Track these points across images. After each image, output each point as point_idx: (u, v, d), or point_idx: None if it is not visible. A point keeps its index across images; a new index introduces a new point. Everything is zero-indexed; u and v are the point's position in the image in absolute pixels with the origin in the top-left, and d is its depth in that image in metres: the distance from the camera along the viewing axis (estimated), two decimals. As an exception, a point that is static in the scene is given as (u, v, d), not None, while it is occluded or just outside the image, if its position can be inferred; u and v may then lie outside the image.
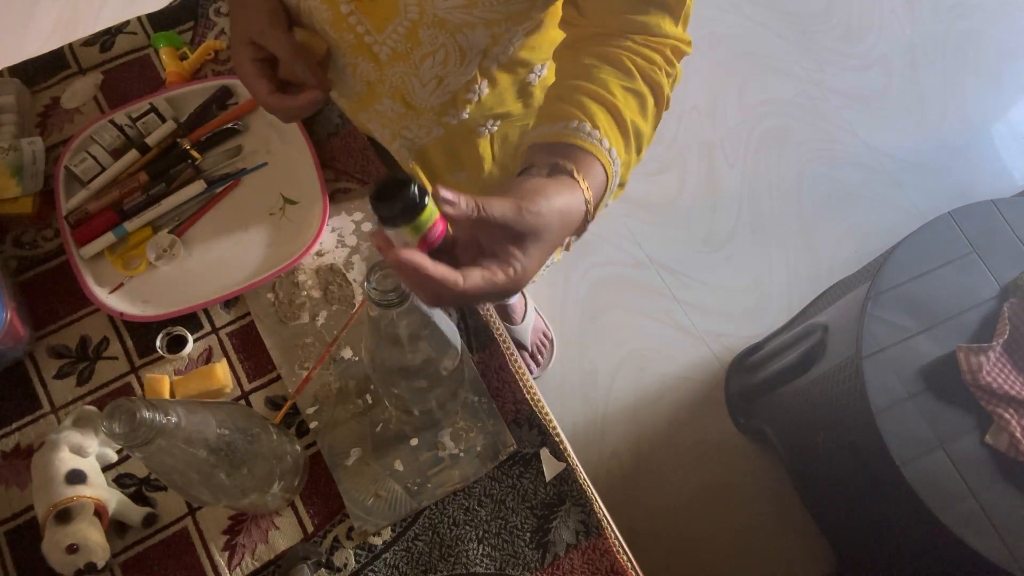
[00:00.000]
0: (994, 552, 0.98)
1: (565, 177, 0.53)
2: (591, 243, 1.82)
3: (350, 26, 0.67)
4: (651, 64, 0.61)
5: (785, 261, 1.82)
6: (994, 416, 1.04)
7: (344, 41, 0.69)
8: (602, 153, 0.55)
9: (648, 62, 0.61)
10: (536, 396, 0.78)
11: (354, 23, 0.67)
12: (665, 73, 0.62)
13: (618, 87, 0.59)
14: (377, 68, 0.71)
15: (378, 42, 0.68)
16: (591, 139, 0.55)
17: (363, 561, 0.71)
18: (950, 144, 1.98)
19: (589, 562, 0.71)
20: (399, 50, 0.68)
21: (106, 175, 0.84)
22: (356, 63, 0.71)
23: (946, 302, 1.12)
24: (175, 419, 0.50)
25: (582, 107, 0.57)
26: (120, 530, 0.72)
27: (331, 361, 0.78)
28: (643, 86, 0.61)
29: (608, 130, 0.56)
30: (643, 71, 0.61)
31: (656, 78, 0.61)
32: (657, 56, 0.62)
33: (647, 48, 0.62)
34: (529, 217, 0.47)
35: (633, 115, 0.59)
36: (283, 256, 0.81)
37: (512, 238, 0.48)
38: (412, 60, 0.69)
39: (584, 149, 0.55)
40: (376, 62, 0.70)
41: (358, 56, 0.70)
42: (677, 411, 1.65)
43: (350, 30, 0.68)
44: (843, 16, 2.13)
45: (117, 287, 0.80)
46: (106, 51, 0.93)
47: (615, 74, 0.59)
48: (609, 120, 0.57)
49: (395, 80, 0.71)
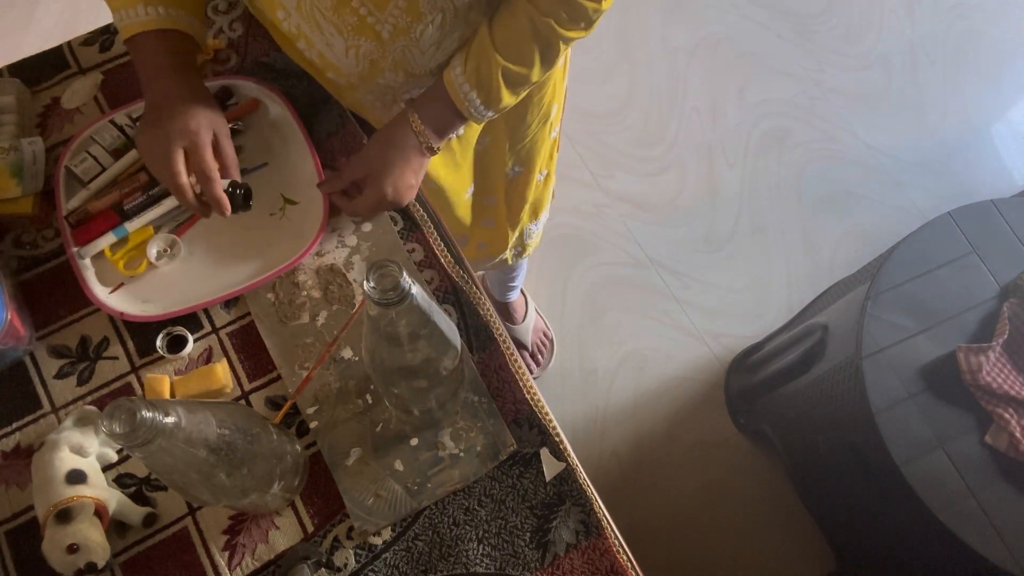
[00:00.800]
0: (994, 552, 0.98)
1: (405, 122, 0.76)
2: (591, 243, 1.82)
3: (353, 9, 0.68)
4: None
5: (785, 261, 1.82)
6: (994, 416, 1.04)
7: (346, 24, 0.70)
8: (455, 90, 0.74)
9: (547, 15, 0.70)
10: (536, 396, 0.78)
11: (357, 6, 0.68)
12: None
13: (501, 35, 0.71)
14: (379, 46, 0.71)
15: (380, 20, 0.69)
16: (455, 80, 0.73)
17: (363, 561, 0.71)
18: (950, 144, 1.98)
19: (589, 562, 0.71)
20: (400, 25, 0.69)
21: (106, 175, 0.84)
22: (358, 44, 0.72)
23: (946, 302, 1.12)
24: (175, 419, 0.50)
25: (460, 53, 0.73)
26: (120, 530, 0.72)
27: (331, 361, 0.78)
28: (532, 40, 0.71)
29: (467, 67, 0.73)
30: (536, 24, 0.70)
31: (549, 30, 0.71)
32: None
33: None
34: (355, 165, 0.78)
35: (507, 60, 0.72)
36: (283, 256, 0.81)
37: (365, 181, 0.78)
38: (413, 33, 0.70)
39: (444, 87, 0.74)
40: (378, 40, 0.71)
41: (360, 36, 0.71)
42: (677, 411, 1.65)
43: (353, 13, 0.68)
44: (843, 16, 2.13)
45: (117, 287, 0.80)
46: (106, 51, 0.93)
47: (507, 23, 0.71)
48: (474, 61, 0.72)
49: (397, 54, 0.73)
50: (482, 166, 1.03)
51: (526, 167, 1.05)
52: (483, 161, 1.02)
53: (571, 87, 1.08)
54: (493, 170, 1.04)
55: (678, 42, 2.08)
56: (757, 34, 2.09)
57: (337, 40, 0.72)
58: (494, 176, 1.05)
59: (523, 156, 1.03)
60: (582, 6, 0.69)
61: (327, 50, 0.74)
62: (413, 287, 0.52)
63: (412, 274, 0.70)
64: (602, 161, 1.92)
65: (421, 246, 0.84)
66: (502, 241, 1.19)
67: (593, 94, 2.00)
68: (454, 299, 0.81)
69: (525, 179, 1.08)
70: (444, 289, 0.82)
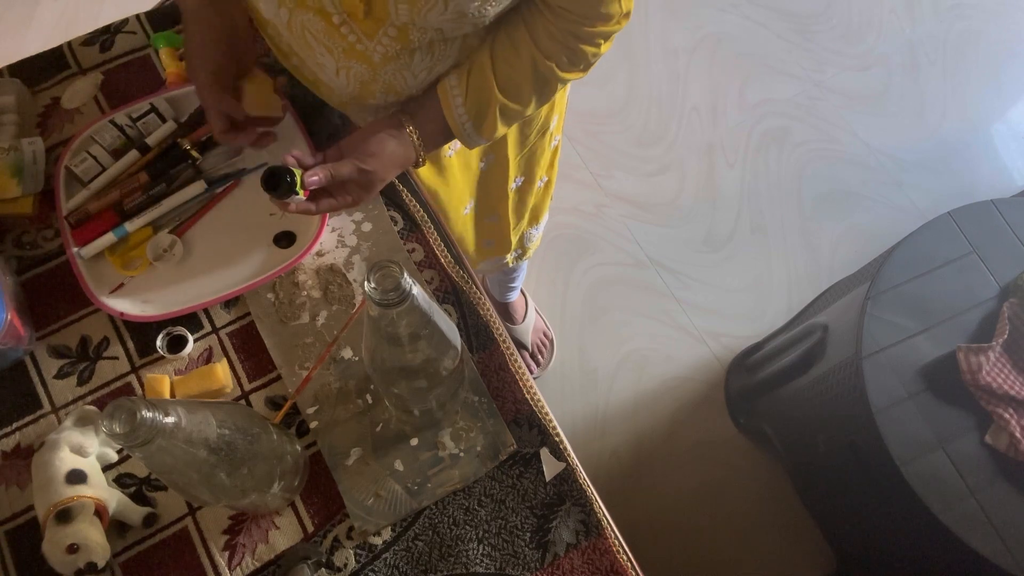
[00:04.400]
0: (994, 552, 0.98)
1: (404, 134, 0.73)
2: (591, 243, 1.82)
3: (342, 35, 0.68)
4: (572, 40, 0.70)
5: (785, 261, 1.82)
6: (994, 416, 1.04)
7: (336, 47, 0.70)
8: (452, 113, 0.73)
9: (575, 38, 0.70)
10: (536, 396, 0.78)
11: (346, 32, 0.68)
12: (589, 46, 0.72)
13: (503, 73, 0.72)
14: (370, 69, 0.71)
15: (369, 49, 0.69)
16: (453, 104, 0.73)
17: (363, 561, 0.71)
18: (950, 144, 1.98)
19: (589, 562, 0.71)
20: (390, 53, 0.69)
21: (106, 175, 0.84)
22: (349, 66, 0.72)
23: (946, 302, 1.12)
24: (175, 419, 0.50)
25: (461, 75, 0.73)
26: (120, 530, 0.72)
27: (331, 361, 0.78)
28: (531, 82, 0.72)
29: (468, 98, 0.73)
30: (538, 67, 0.71)
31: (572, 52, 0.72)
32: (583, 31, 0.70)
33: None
34: (364, 175, 0.72)
35: (505, 98, 0.73)
36: (283, 256, 0.81)
37: (357, 184, 0.73)
38: (403, 59, 0.70)
39: (440, 108, 0.73)
40: (369, 63, 0.71)
41: (351, 60, 0.71)
42: (677, 411, 1.65)
43: (342, 39, 0.69)
44: (843, 16, 2.13)
45: (117, 287, 0.80)
46: (106, 51, 0.93)
47: (510, 61, 0.71)
48: (474, 93, 0.72)
49: (388, 77, 0.73)
50: (484, 185, 1.02)
51: (526, 176, 1.05)
52: (486, 180, 1.02)
53: (571, 87, 1.07)
54: (496, 189, 1.03)
55: (678, 42, 2.08)
56: (757, 34, 2.09)
57: (328, 60, 0.72)
58: (497, 195, 1.04)
59: (523, 166, 1.03)
60: (583, 51, 0.71)
61: (319, 70, 0.74)
62: (414, 287, 0.52)
63: (412, 274, 0.70)
64: (602, 161, 1.92)
65: (421, 246, 0.84)
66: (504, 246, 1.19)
67: (593, 94, 2.00)
68: (454, 299, 0.81)
69: (526, 187, 1.07)
70: (444, 289, 0.82)
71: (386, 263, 0.50)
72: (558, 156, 1.11)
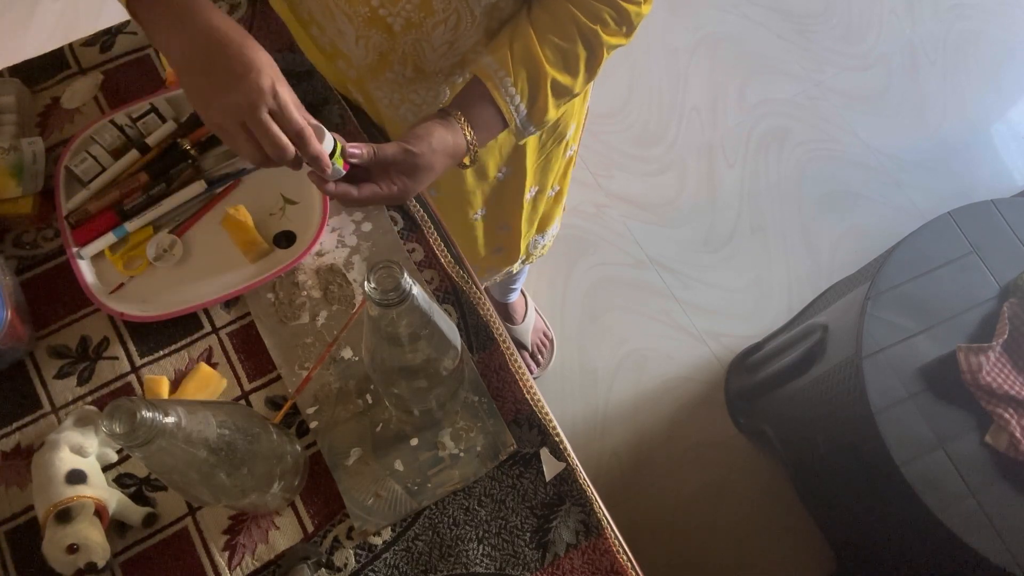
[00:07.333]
0: (994, 552, 0.98)
1: (453, 120, 0.69)
2: (591, 243, 1.82)
3: (366, 0, 0.68)
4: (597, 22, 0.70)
5: (785, 261, 1.82)
6: (994, 416, 1.04)
7: (357, 15, 0.70)
8: (500, 95, 0.69)
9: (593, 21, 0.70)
10: (536, 396, 0.78)
11: None
12: (612, 27, 0.71)
13: (549, 44, 0.69)
14: (390, 38, 0.71)
15: (392, 13, 0.68)
16: (501, 86, 0.69)
17: (363, 561, 0.71)
18: (950, 144, 1.98)
19: (589, 562, 0.71)
20: (413, 19, 0.69)
21: (106, 175, 0.84)
22: (368, 35, 0.71)
23: (946, 302, 1.12)
24: (175, 419, 0.50)
25: (503, 57, 0.69)
26: (120, 530, 0.72)
27: (331, 361, 0.78)
28: (579, 47, 0.70)
29: (517, 76, 0.69)
30: (583, 31, 0.70)
31: (594, 37, 0.71)
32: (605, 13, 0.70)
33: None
34: (411, 156, 0.66)
35: (555, 71, 0.70)
36: (283, 256, 0.81)
37: (401, 170, 0.67)
38: (425, 28, 0.70)
39: (488, 93, 0.69)
40: (389, 33, 0.70)
41: (371, 28, 0.71)
42: (677, 411, 1.65)
43: (365, 3, 0.68)
44: (843, 16, 2.13)
45: (117, 287, 0.80)
46: (106, 51, 0.93)
47: (552, 29, 0.70)
48: (523, 70, 0.69)
49: (407, 48, 0.72)
50: (499, 196, 1.01)
51: (540, 185, 1.04)
52: (501, 191, 1.01)
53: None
54: (511, 202, 1.03)
55: (678, 42, 2.08)
56: (757, 34, 2.09)
57: (348, 28, 0.72)
58: (511, 208, 1.04)
59: (538, 175, 1.02)
60: (626, 10, 0.69)
61: (338, 38, 0.74)
62: (414, 288, 0.52)
63: (412, 274, 0.70)
64: (602, 161, 1.92)
65: (421, 246, 0.84)
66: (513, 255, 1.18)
67: (593, 94, 1.99)
68: (454, 299, 0.81)
69: (538, 196, 1.07)
70: (444, 289, 0.82)
71: (386, 263, 0.50)
72: (572, 168, 1.10)
